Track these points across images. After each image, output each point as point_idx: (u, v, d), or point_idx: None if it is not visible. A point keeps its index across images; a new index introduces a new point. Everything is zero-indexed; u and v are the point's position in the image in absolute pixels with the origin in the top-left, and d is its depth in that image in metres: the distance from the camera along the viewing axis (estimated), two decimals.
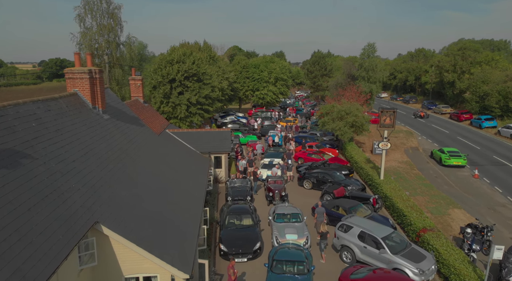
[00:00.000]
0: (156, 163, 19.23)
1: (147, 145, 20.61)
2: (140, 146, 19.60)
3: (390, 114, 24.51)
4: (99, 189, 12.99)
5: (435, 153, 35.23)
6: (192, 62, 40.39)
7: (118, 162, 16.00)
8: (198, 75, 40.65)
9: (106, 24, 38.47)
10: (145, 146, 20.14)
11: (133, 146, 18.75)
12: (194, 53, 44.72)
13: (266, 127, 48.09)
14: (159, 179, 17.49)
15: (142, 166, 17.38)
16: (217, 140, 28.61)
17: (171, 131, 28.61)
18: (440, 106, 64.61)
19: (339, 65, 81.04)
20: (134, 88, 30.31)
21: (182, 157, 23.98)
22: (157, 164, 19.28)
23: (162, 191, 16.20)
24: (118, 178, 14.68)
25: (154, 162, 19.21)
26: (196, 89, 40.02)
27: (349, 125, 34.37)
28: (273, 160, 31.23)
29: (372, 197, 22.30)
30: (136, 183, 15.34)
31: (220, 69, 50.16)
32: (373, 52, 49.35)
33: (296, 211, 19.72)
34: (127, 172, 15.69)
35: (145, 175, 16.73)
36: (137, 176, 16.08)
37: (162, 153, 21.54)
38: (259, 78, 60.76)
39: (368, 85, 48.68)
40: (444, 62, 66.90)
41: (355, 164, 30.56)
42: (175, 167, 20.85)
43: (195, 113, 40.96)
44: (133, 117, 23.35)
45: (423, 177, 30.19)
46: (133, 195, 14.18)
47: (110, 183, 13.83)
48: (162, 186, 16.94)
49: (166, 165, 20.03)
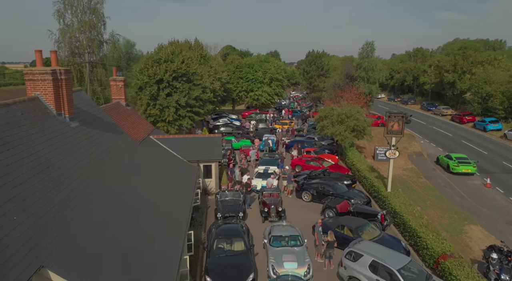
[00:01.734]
0: (132, 178, 16.55)
1: (123, 156, 17.92)
2: (114, 158, 16.90)
3: (399, 119, 22.03)
4: (50, 220, 10.31)
5: (442, 159, 32.86)
6: (181, 62, 37.74)
7: (82, 181, 13.31)
8: (188, 75, 38.00)
9: (88, 20, 35.59)
10: (120, 158, 17.45)
11: (105, 158, 16.05)
12: (184, 52, 42.03)
13: (260, 130, 45.52)
14: (134, 198, 14.82)
15: (113, 183, 14.70)
16: (207, 147, 25.98)
17: (155, 137, 25.92)
18: (441, 108, 62.43)
19: (336, 65, 78.67)
20: (116, 90, 27.58)
21: (166, 168, 21.31)
22: (134, 179, 16.60)
23: (136, 215, 13.53)
24: (80, 202, 12.01)
25: (130, 176, 16.52)
26: (185, 90, 37.37)
27: (350, 130, 31.89)
28: (268, 168, 28.65)
29: (380, 213, 19.78)
30: (103, 207, 12.67)
31: (212, 69, 47.49)
32: (372, 51, 46.94)
33: (296, 233, 17.14)
34: (93, 192, 13.01)
35: (116, 195, 14.06)
36: (106, 196, 13.40)
37: (141, 165, 18.86)
38: (253, 78, 58.12)
39: (368, 86, 46.27)
40: (444, 62, 64.76)
41: (358, 172, 28.06)
42: (156, 181, 18.18)
43: (184, 116, 38.30)
44: (109, 123, 20.62)
45: (431, 186, 27.76)
46: (96, 224, 11.51)
47: (68, 209, 11.16)
48: (137, 207, 14.28)
49: (144, 179, 17.36)
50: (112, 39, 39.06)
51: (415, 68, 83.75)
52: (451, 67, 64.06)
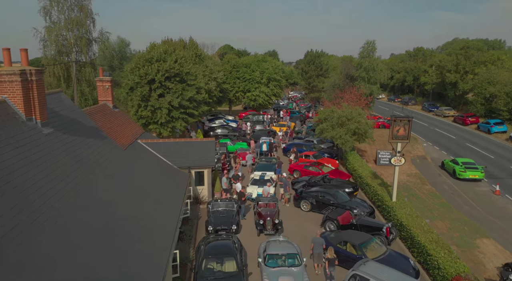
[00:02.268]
0: (112, 188, 14.89)
1: (104, 165, 16.26)
2: (92, 167, 15.26)
3: (405, 124, 20.42)
4: (9, 245, 8.73)
5: (448, 164, 31.29)
6: (174, 61, 36.05)
7: (52, 195, 11.70)
8: (181, 75, 36.31)
9: (75, 17, 33.85)
10: (100, 167, 15.80)
11: (81, 168, 14.40)
12: (177, 51, 40.35)
13: (257, 132, 43.88)
14: (112, 213, 13.16)
15: (89, 196, 13.06)
16: (199, 152, 24.35)
17: (144, 142, 24.27)
18: (443, 109, 60.89)
19: (335, 64, 77.08)
20: (102, 91, 25.93)
21: (153, 176, 19.66)
22: (114, 190, 14.95)
23: (111, 235, 11.88)
24: (47, 221, 10.41)
25: (110, 187, 14.86)
26: (178, 90, 35.69)
27: (350, 133, 30.30)
28: (265, 174, 27.03)
29: (385, 226, 18.19)
30: (72, 227, 11.02)
31: (208, 68, 45.79)
32: (373, 51, 45.34)
33: (293, 251, 15.51)
34: (62, 209, 11.38)
35: (91, 212, 12.41)
36: (76, 214, 11.76)
37: (124, 173, 17.20)
38: (250, 78, 56.45)
39: (369, 87, 44.67)
40: (446, 62, 63.21)
41: (359, 179, 26.46)
42: (140, 191, 16.53)
43: (177, 118, 36.61)
44: (91, 128, 18.98)
45: (437, 194, 26.18)
46: (60, 250, 9.87)
47: (26, 233, 9.52)
48: (116, 223, 12.63)
49: (127, 190, 15.71)
50: (102, 37, 37.33)
51: (415, 68, 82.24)
52: (453, 67, 62.54)
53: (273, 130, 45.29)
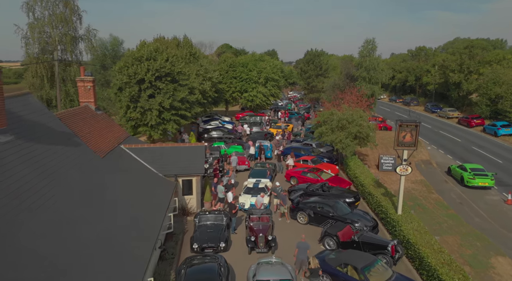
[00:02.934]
0: (77, 206, 12.95)
1: (72, 176, 14.35)
2: (58, 180, 13.36)
3: (412, 129, 18.51)
4: None
5: (455, 170, 29.38)
6: (165, 60, 34.17)
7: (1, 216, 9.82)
8: (173, 74, 34.45)
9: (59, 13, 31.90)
10: (67, 179, 13.89)
11: (42, 183, 12.49)
12: (169, 49, 38.46)
13: (254, 134, 41.94)
14: (72, 237, 11.25)
15: (46, 217, 11.14)
16: (187, 158, 22.45)
17: (127, 147, 22.35)
18: (446, 110, 58.94)
19: (335, 64, 75.26)
20: (84, 92, 24.04)
21: (133, 187, 17.73)
22: (79, 207, 13.02)
23: (65, 266, 9.95)
24: None
25: (75, 205, 12.93)
26: (170, 91, 33.82)
27: (351, 137, 28.39)
28: (259, 181, 25.12)
29: (391, 243, 16.29)
30: (18, 257, 9.10)
31: (202, 68, 43.89)
32: (373, 50, 43.40)
33: (287, 275, 13.60)
34: (8, 235, 9.47)
35: (46, 238, 10.49)
36: (27, 239, 9.85)
37: (97, 186, 15.26)
38: (248, 78, 54.53)
39: (370, 87, 42.74)
40: (449, 61, 61.29)
41: (361, 187, 24.55)
42: (114, 206, 14.61)
43: (169, 120, 34.76)
44: (63, 134, 17.09)
45: (445, 204, 24.27)
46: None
47: None
48: (73, 249, 10.71)
49: (96, 206, 13.79)
50: (88, 35, 35.36)
51: (417, 67, 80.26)
52: (456, 67, 60.60)
53: (270, 132, 43.43)
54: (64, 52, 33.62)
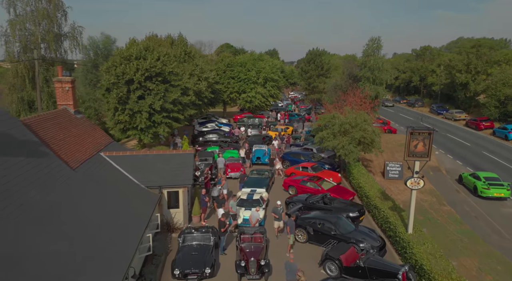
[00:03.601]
0: (30, 235, 10.81)
1: (31, 194, 12.21)
2: (12, 201, 11.23)
3: (424, 137, 16.31)
4: None
5: (467, 178, 27.16)
6: (156, 59, 32.07)
7: None
8: (164, 74, 32.35)
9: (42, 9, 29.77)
10: (22, 199, 11.74)
11: None
12: (161, 48, 36.36)
13: (252, 138, 39.73)
14: (17, 275, 9.09)
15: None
16: (174, 167, 20.29)
17: (107, 155, 20.22)
18: (453, 111, 56.62)
19: (337, 64, 73.00)
20: (61, 94, 21.92)
21: (108, 203, 15.56)
22: (42, 228, 10.89)
23: None
24: None
25: (27, 233, 10.79)
26: (160, 92, 31.73)
27: (355, 142, 26.22)
28: (254, 191, 22.98)
29: (402, 270, 14.10)
30: None
31: (198, 67, 41.75)
32: (378, 49, 41.17)
33: None
34: None
35: None
36: None
37: (61, 205, 13.11)
38: (246, 78, 52.36)
39: (374, 88, 40.52)
40: (456, 61, 59.00)
41: (366, 198, 22.36)
42: (80, 231, 12.47)
43: (160, 123, 32.65)
44: (27, 143, 14.95)
45: (458, 218, 22.06)
46: None
47: None
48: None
49: (57, 232, 11.65)
50: (73, 32, 33.18)
51: (422, 67, 77.96)
52: (463, 67, 58.35)
53: (269, 136, 41.24)
54: (48, 51, 31.51)
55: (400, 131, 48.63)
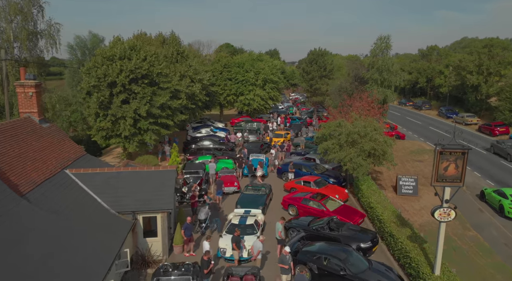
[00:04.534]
0: None
1: None
2: None
3: (457, 157, 13.10)
4: None
5: (490, 195, 23.96)
6: (142, 59, 28.97)
7: None
8: (151, 76, 29.26)
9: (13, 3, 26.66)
10: None
11: None
12: (150, 47, 33.26)
13: (249, 145, 36.50)
14: None
15: None
16: (152, 187, 17.14)
17: (73, 173, 17.07)
18: (464, 115, 53.24)
19: (340, 64, 69.87)
20: (24, 100, 18.79)
21: (62, 239, 12.40)
22: None
23: None
24: None
25: None
26: (147, 96, 28.63)
27: (364, 154, 23.03)
28: (249, 212, 19.84)
29: None
30: None
31: (191, 68, 38.62)
32: (387, 48, 37.98)
33: None
34: None
35: None
36: None
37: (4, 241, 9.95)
38: (244, 80, 49.20)
39: (382, 91, 37.31)
40: (467, 62, 55.70)
41: (379, 223, 19.15)
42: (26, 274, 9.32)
43: (146, 130, 29.54)
44: None
45: (487, 246, 18.83)
46: None
47: None
48: None
49: None
50: (49, 29, 30.03)
51: (429, 68, 74.62)
52: (475, 68, 55.03)
53: (267, 142, 38.07)
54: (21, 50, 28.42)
55: (409, 136, 45.47)
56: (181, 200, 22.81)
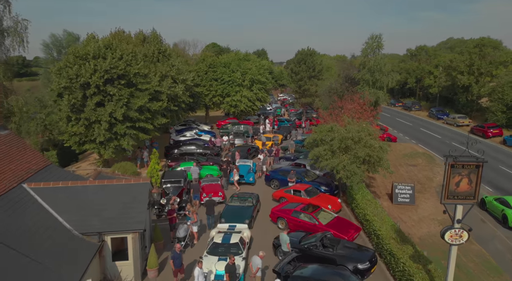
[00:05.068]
0: None
1: None
2: None
3: (470, 171, 11.42)
4: None
5: (492, 204, 22.49)
6: (118, 58, 26.86)
7: None
8: (128, 76, 27.18)
9: None
10: None
11: None
12: (128, 45, 31.16)
13: (235, 150, 34.37)
14: None
15: None
16: (121, 204, 15.08)
17: (32, 187, 14.93)
18: (456, 116, 52.13)
19: (329, 64, 68.35)
20: None
21: (10, 272, 10.32)
22: None
23: None
24: None
25: None
26: (123, 98, 26.54)
27: (359, 161, 21.33)
28: (234, 228, 17.94)
29: None
30: None
31: (174, 68, 36.54)
32: (379, 48, 36.46)
33: None
34: None
35: None
36: None
37: None
38: (230, 80, 47.26)
39: (374, 92, 35.75)
40: (458, 62, 54.69)
41: (376, 239, 17.40)
42: None
43: (123, 134, 27.44)
44: None
45: (493, 263, 17.27)
46: None
47: None
48: None
49: None
50: (16, 26, 27.61)
51: (418, 68, 73.67)
52: (465, 68, 54.08)
53: (255, 146, 36.16)
54: None
55: (400, 138, 44.09)
56: (159, 213, 20.77)
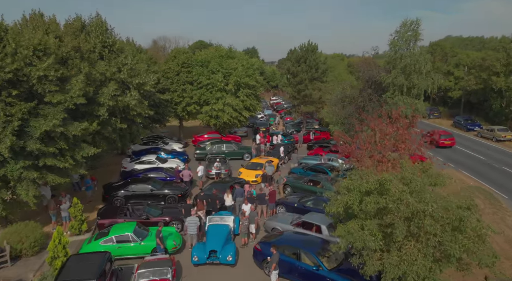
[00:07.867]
0: None
1: None
2: None
3: None
4: None
5: None
6: (6, 53, 15.84)
7: None
8: (29, 82, 16.19)
9: None
10: None
11: None
12: (47, 35, 19.92)
13: (208, 191, 23.08)
14: None
15: None
16: None
17: None
18: (495, 129, 41.56)
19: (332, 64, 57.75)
20: None
21: None
22: None
23: None
24: None
25: None
26: (15, 119, 15.56)
27: (432, 256, 10.54)
28: None
29: None
30: None
31: (125, 67, 25.44)
32: (416, 37, 25.74)
33: None
34: None
35: None
36: None
37: None
38: (210, 83, 36.24)
39: (411, 102, 25.03)
40: (493, 60, 44.49)
41: None
42: None
43: (18, 179, 16.41)
44: None
45: None
46: None
47: None
48: None
49: None
50: None
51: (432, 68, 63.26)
52: (501, 68, 43.96)
53: (241, 181, 24.97)
54: None
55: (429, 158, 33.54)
56: None
